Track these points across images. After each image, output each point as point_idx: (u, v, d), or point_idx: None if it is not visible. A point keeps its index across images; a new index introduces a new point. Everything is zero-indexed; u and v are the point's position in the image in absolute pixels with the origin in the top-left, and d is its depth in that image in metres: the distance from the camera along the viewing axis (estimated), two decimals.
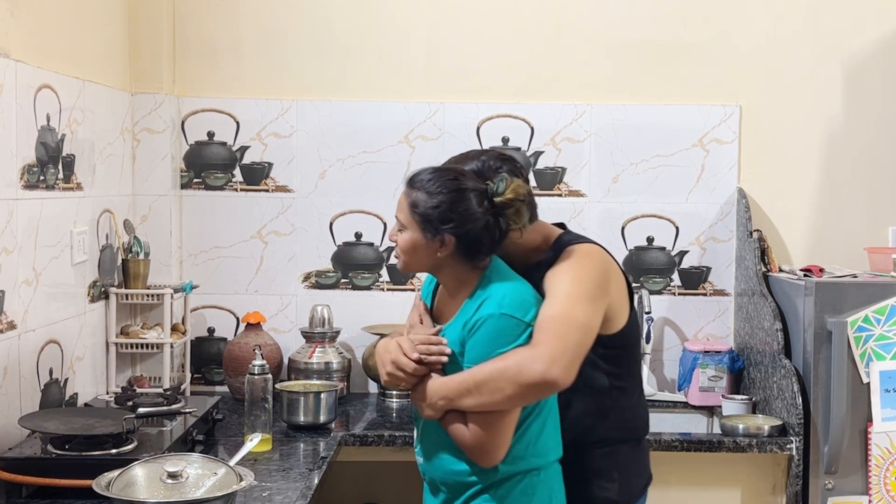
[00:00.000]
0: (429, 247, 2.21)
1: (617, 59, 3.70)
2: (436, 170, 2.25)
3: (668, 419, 3.58)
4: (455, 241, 2.19)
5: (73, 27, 3.06)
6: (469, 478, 2.23)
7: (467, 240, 2.19)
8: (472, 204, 2.18)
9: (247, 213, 3.71)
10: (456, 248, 2.20)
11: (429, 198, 2.19)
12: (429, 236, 2.20)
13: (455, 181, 2.20)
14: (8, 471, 2.35)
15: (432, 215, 2.19)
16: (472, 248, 2.21)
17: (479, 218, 2.18)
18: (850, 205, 3.70)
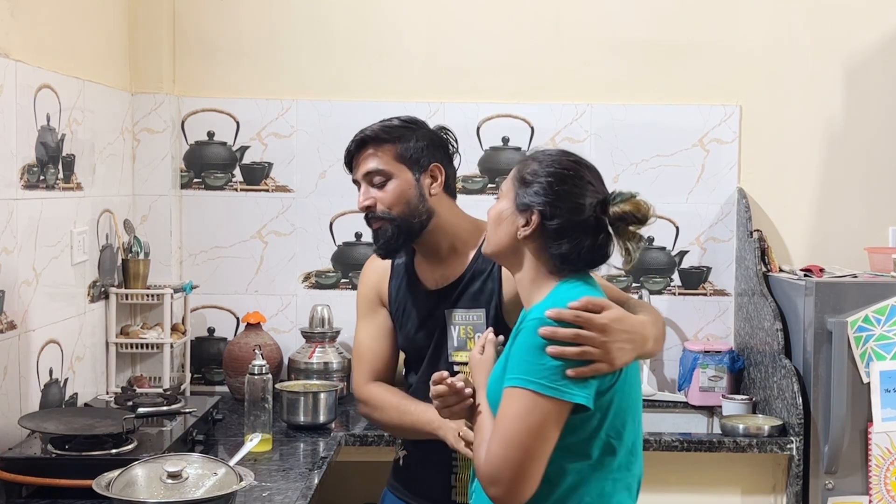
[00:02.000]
0: (513, 221, 1.92)
1: (617, 59, 3.70)
2: (563, 150, 2.00)
3: (668, 419, 3.58)
4: (539, 221, 1.89)
5: (73, 27, 3.06)
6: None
7: (555, 227, 1.89)
8: (581, 192, 1.91)
9: (247, 213, 3.71)
10: (538, 233, 1.90)
11: (538, 167, 1.93)
12: (518, 208, 1.91)
13: (574, 162, 1.95)
14: (8, 471, 2.34)
15: (530, 185, 1.91)
16: (558, 239, 1.89)
17: (580, 209, 1.90)
18: (850, 205, 3.70)
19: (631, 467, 1.92)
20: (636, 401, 1.95)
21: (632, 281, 3.71)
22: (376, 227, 2.27)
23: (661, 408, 3.61)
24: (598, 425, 1.84)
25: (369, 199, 2.25)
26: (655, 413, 3.60)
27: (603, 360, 1.80)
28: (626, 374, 1.88)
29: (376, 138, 2.26)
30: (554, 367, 1.77)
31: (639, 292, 3.64)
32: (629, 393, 1.90)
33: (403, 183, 2.24)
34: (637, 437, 1.95)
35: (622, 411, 1.87)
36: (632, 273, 3.71)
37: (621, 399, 1.87)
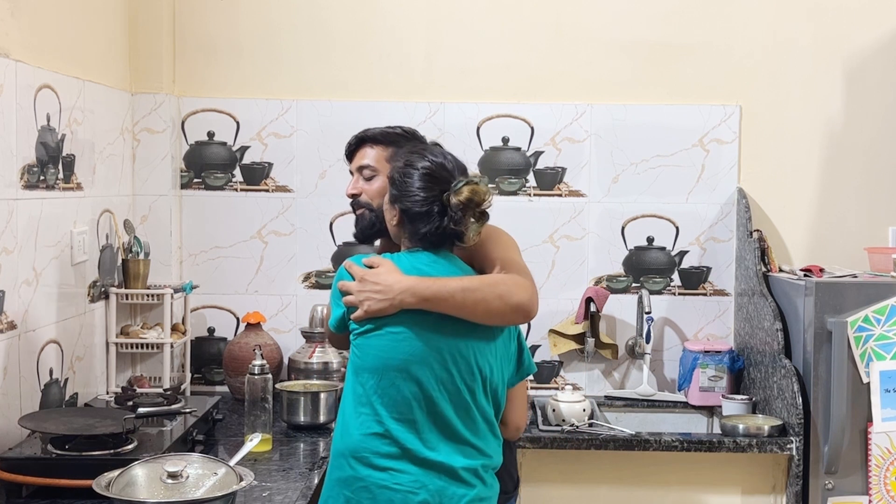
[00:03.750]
0: (389, 212, 2.36)
1: (617, 59, 3.70)
2: (424, 145, 2.44)
3: (668, 419, 3.59)
4: (398, 214, 2.31)
5: (73, 27, 3.06)
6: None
7: (408, 217, 2.29)
8: (419, 186, 2.27)
9: (247, 213, 3.71)
10: (399, 224, 2.33)
11: (395, 167, 2.35)
12: (389, 203, 2.34)
13: (419, 161, 2.31)
14: (8, 471, 2.35)
15: (394, 184, 2.32)
16: (412, 227, 2.29)
17: (419, 201, 2.26)
18: (850, 205, 3.70)
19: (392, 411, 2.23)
20: (418, 361, 2.22)
21: (632, 281, 3.71)
22: (358, 212, 2.56)
23: (661, 408, 3.62)
24: (357, 360, 2.27)
25: (356, 189, 2.56)
26: (655, 413, 3.61)
27: (359, 306, 2.24)
28: (398, 327, 2.23)
29: (375, 139, 2.56)
30: (335, 296, 2.33)
31: (639, 292, 3.64)
32: (399, 346, 2.22)
33: (386, 181, 2.48)
34: (429, 399, 2.22)
35: (389, 355, 2.22)
36: (632, 273, 3.71)
37: (396, 344, 2.22)
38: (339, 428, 2.29)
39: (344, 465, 2.24)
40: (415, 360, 2.21)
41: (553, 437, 3.16)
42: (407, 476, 2.20)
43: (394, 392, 2.21)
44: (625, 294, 3.72)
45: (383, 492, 2.19)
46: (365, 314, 2.23)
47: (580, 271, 3.70)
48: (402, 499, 2.19)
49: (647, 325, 3.63)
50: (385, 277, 2.23)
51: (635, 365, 3.72)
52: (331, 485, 2.27)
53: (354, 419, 2.24)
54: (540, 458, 3.20)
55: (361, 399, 2.24)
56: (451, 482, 2.22)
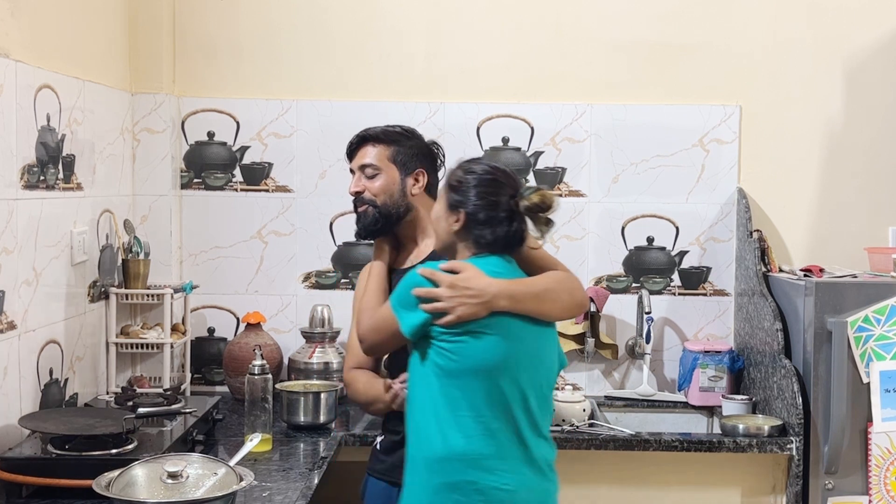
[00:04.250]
0: (448, 220, 2.36)
1: (617, 59, 3.70)
2: (483, 160, 2.48)
3: (668, 419, 3.58)
4: (465, 217, 2.33)
5: (73, 27, 3.06)
6: None
7: (475, 222, 2.33)
8: (488, 193, 2.33)
9: (247, 213, 3.71)
10: (466, 227, 2.34)
11: (460, 174, 2.37)
12: (449, 209, 2.36)
13: (486, 171, 2.36)
14: (8, 471, 2.35)
15: (454, 188, 2.35)
16: (479, 232, 2.33)
17: (489, 206, 2.32)
18: (850, 205, 3.70)
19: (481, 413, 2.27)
20: (520, 353, 2.29)
21: (632, 281, 3.71)
22: (361, 209, 2.62)
23: (661, 408, 3.61)
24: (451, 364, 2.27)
25: (359, 186, 2.62)
26: (655, 413, 3.61)
27: (450, 312, 2.25)
28: (500, 326, 2.27)
29: (376, 138, 2.63)
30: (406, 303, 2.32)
31: (639, 292, 3.64)
32: (511, 342, 2.28)
33: (389, 179, 2.61)
34: (524, 398, 2.29)
35: (484, 357, 2.26)
36: (632, 273, 3.71)
37: (488, 346, 2.26)
38: (430, 433, 2.27)
39: (449, 469, 2.24)
40: (511, 360, 2.27)
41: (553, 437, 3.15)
42: (512, 476, 2.26)
43: (497, 393, 2.25)
44: (625, 294, 3.72)
45: (495, 493, 2.24)
46: (458, 319, 2.24)
47: (580, 271, 3.70)
48: (510, 498, 2.25)
49: (647, 325, 3.63)
50: (476, 282, 2.26)
51: (635, 365, 3.72)
52: (432, 490, 2.25)
53: (454, 423, 2.24)
54: None
55: (460, 402, 2.25)
56: (543, 478, 2.33)
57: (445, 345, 2.26)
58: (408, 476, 2.32)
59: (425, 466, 2.27)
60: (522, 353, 2.30)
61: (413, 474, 2.31)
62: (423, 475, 2.28)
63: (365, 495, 2.64)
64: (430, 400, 2.27)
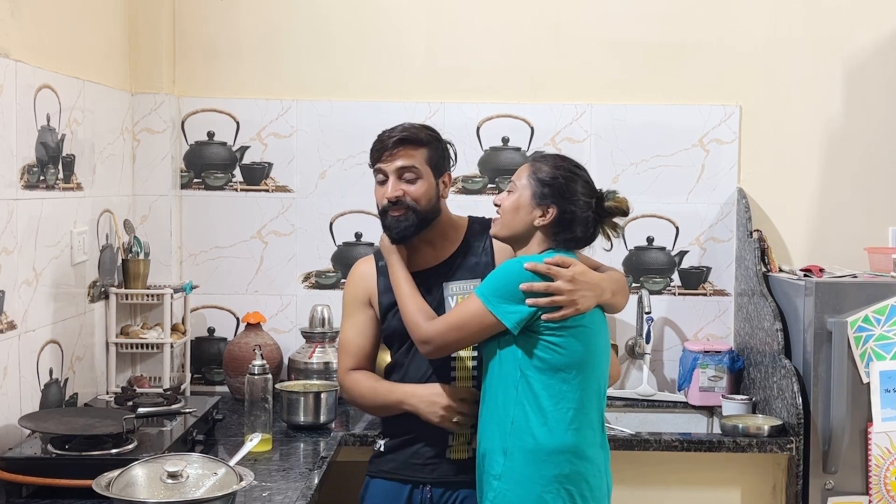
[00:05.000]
0: (530, 212, 2.39)
1: (616, 59, 3.70)
2: (561, 155, 2.51)
3: (668, 419, 3.58)
4: (557, 213, 2.38)
5: (73, 27, 3.06)
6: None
7: (565, 219, 2.38)
8: (582, 192, 2.40)
9: (247, 213, 3.71)
10: (554, 223, 2.38)
11: (552, 170, 2.40)
12: (536, 202, 2.39)
13: (577, 167, 2.44)
14: (8, 471, 2.35)
15: (546, 184, 2.39)
16: (567, 229, 2.39)
17: (582, 205, 2.39)
18: (850, 205, 3.70)
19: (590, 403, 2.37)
20: (601, 345, 2.41)
21: (632, 281, 3.71)
22: (399, 214, 2.50)
23: (661, 408, 3.61)
24: (558, 357, 2.32)
25: (398, 191, 2.49)
26: (655, 413, 3.61)
27: (569, 306, 2.31)
28: (590, 319, 2.37)
29: (415, 140, 2.52)
30: (508, 296, 2.32)
31: (639, 292, 3.64)
32: (595, 335, 2.38)
33: (429, 184, 2.52)
34: (602, 387, 2.42)
35: (584, 350, 2.34)
36: (632, 273, 3.71)
37: (585, 339, 2.34)
38: (533, 426, 2.31)
39: (563, 462, 2.31)
40: (599, 352, 2.39)
41: None
42: (601, 459, 2.41)
43: (593, 384, 2.35)
44: None
45: (595, 479, 2.36)
46: (577, 312, 2.31)
47: None
48: (603, 482, 2.40)
49: (647, 325, 3.63)
50: (592, 276, 2.36)
51: (635, 365, 3.72)
52: (544, 483, 2.31)
53: (561, 416, 2.31)
54: None
55: (565, 395, 2.31)
56: (607, 454, 2.46)
57: (553, 339, 2.31)
58: (501, 469, 2.33)
59: (531, 460, 2.31)
60: (603, 343, 2.42)
61: (513, 468, 2.32)
62: (527, 468, 2.32)
63: (365, 498, 2.62)
64: (530, 393, 2.32)
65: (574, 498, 2.31)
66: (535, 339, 2.32)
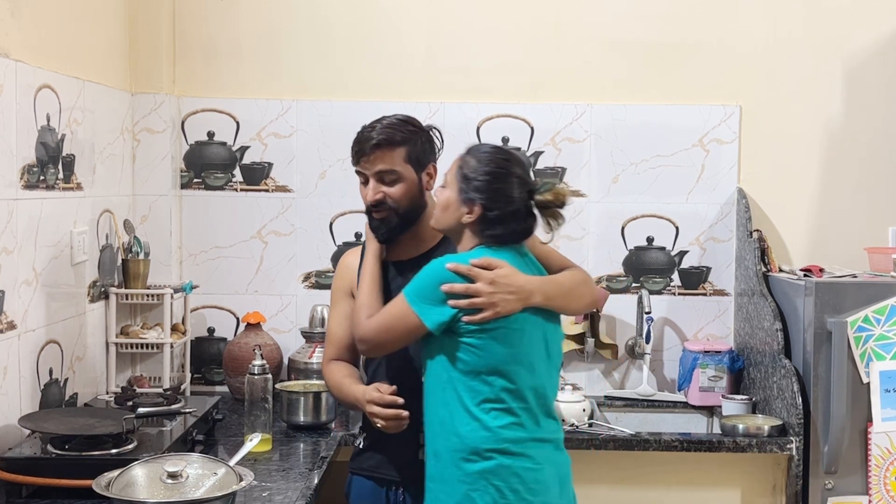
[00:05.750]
0: (457, 209, 2.35)
1: (617, 59, 3.70)
2: (496, 147, 2.45)
3: (668, 419, 3.58)
4: (481, 211, 2.33)
5: (73, 27, 3.06)
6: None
7: (493, 217, 2.32)
8: (509, 188, 2.33)
9: (247, 213, 3.71)
10: (479, 220, 2.33)
11: (478, 165, 2.34)
12: (462, 199, 2.34)
13: (506, 161, 2.37)
14: (8, 471, 2.35)
15: (471, 181, 2.33)
16: (494, 225, 2.34)
17: (509, 202, 2.32)
18: (850, 205, 3.70)
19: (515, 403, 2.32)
20: (533, 347, 2.35)
21: (632, 281, 3.71)
22: (382, 216, 2.50)
23: (661, 408, 3.61)
24: (478, 360, 2.29)
25: (380, 194, 2.48)
26: (655, 413, 3.61)
27: (489, 308, 2.26)
28: (518, 322, 2.30)
29: (391, 141, 2.47)
30: (430, 297, 2.29)
31: (639, 292, 3.64)
32: (524, 337, 2.32)
33: (410, 182, 2.49)
34: (537, 384, 2.35)
35: (507, 352, 2.29)
36: (632, 273, 3.71)
37: (508, 342, 2.29)
38: (458, 426, 2.30)
39: (483, 458, 2.28)
40: (532, 353, 2.33)
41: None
42: (539, 454, 2.34)
43: (518, 385, 2.30)
44: (625, 294, 3.72)
45: (529, 473, 2.30)
46: (496, 315, 2.26)
47: None
48: (542, 476, 2.33)
49: (646, 325, 3.63)
50: (515, 279, 2.30)
51: (635, 365, 3.72)
52: (470, 480, 2.29)
53: (484, 415, 2.28)
54: None
55: (488, 396, 2.29)
56: (559, 452, 2.41)
57: (472, 340, 2.28)
58: (433, 470, 2.34)
59: (457, 459, 2.29)
60: (538, 344, 2.35)
61: (442, 468, 2.32)
62: (455, 468, 2.30)
63: (350, 495, 2.61)
64: (454, 394, 2.30)
65: (503, 492, 2.27)
66: (457, 341, 2.28)
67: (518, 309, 2.29)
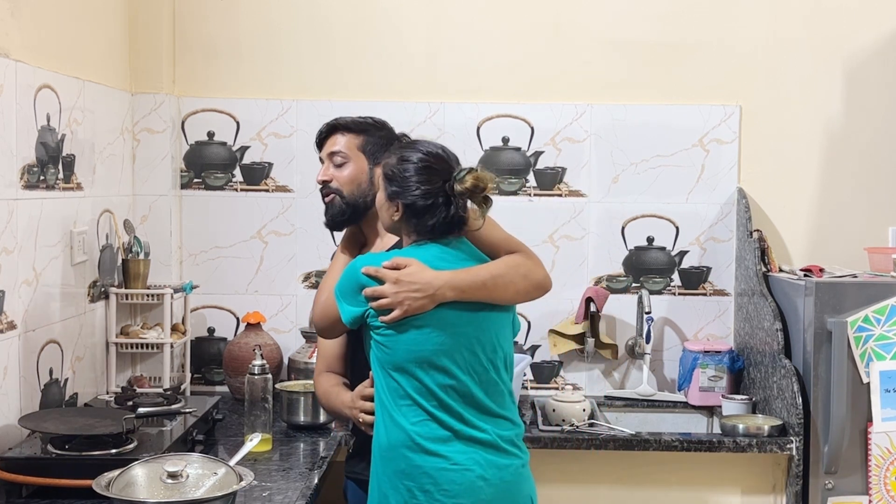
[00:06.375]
0: (389, 209, 2.37)
1: (617, 59, 3.70)
2: (413, 141, 2.44)
3: (668, 419, 3.59)
4: (402, 209, 2.33)
5: (73, 27, 3.06)
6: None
7: (412, 210, 2.32)
8: (420, 179, 2.31)
9: (247, 213, 3.71)
10: (404, 218, 2.34)
11: (392, 163, 2.36)
12: (387, 198, 2.36)
13: (417, 153, 2.34)
14: (8, 471, 2.34)
15: (392, 180, 2.34)
16: (418, 219, 2.32)
17: (425, 194, 2.30)
18: (850, 205, 3.70)
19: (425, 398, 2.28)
20: (455, 342, 2.29)
21: (632, 281, 3.71)
22: (328, 199, 2.60)
23: (661, 408, 3.61)
24: (386, 356, 2.30)
25: (327, 175, 2.60)
26: (655, 413, 3.61)
27: (397, 308, 2.26)
28: (432, 319, 2.28)
29: (346, 127, 2.60)
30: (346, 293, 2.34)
31: (639, 292, 3.64)
32: (441, 334, 2.28)
33: (358, 169, 2.58)
34: (457, 383, 2.29)
35: (416, 349, 2.27)
36: (632, 273, 3.71)
37: (418, 339, 2.27)
38: (381, 423, 2.31)
39: (398, 457, 2.27)
40: (444, 350, 2.27)
41: (553, 437, 3.16)
42: (461, 455, 2.26)
43: (429, 382, 2.27)
44: (625, 294, 3.72)
45: (443, 473, 2.24)
46: (404, 314, 2.26)
47: (580, 271, 3.70)
48: (461, 477, 2.25)
49: (647, 325, 3.63)
50: (421, 276, 2.27)
51: (635, 365, 3.72)
52: (386, 479, 2.29)
53: (397, 411, 2.28)
54: (540, 458, 3.18)
55: (398, 392, 2.28)
56: (498, 454, 2.31)
57: (381, 338, 2.29)
58: (371, 467, 2.36)
59: (378, 456, 2.31)
60: (460, 341, 2.29)
61: (373, 464, 2.34)
62: (378, 465, 2.32)
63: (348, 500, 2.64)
64: (378, 390, 2.32)
65: (413, 493, 2.24)
66: (371, 336, 2.32)
67: (429, 306, 2.26)
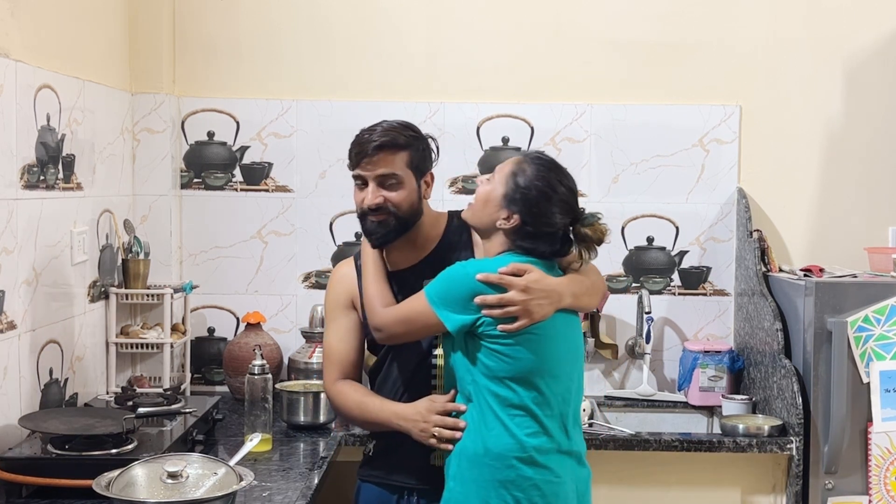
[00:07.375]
0: (496, 210, 2.32)
1: (617, 60, 3.70)
2: (554, 164, 2.38)
3: (668, 419, 3.59)
4: (519, 223, 2.30)
5: (73, 27, 3.06)
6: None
7: (528, 232, 2.30)
8: (555, 211, 2.30)
9: (247, 213, 3.71)
10: (514, 230, 2.31)
11: (531, 179, 2.31)
12: (504, 203, 2.31)
13: (559, 183, 2.33)
14: (8, 471, 2.35)
15: (518, 190, 2.30)
16: (527, 240, 2.31)
17: (549, 224, 2.31)
18: (850, 205, 3.70)
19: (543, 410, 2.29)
20: (561, 352, 2.33)
21: (632, 281, 3.71)
22: (380, 219, 2.44)
23: (661, 408, 3.61)
24: (505, 366, 2.26)
25: (379, 198, 2.42)
26: (655, 413, 3.61)
27: (524, 316, 2.23)
28: (546, 327, 2.28)
29: (396, 144, 2.43)
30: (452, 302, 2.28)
31: (639, 292, 3.64)
32: (552, 342, 2.29)
33: (410, 188, 2.44)
34: (563, 390, 2.32)
35: (534, 359, 2.26)
36: (632, 273, 3.71)
37: (535, 348, 2.26)
38: (484, 431, 2.27)
39: (505, 466, 2.25)
40: (562, 358, 2.31)
41: None
42: (561, 467, 2.30)
43: (548, 391, 2.27)
44: (625, 294, 3.72)
45: (550, 486, 2.26)
46: (532, 322, 2.24)
47: None
48: (562, 489, 2.29)
49: (647, 325, 3.63)
50: (546, 283, 2.27)
51: (635, 365, 3.72)
52: (486, 486, 2.26)
53: (510, 421, 2.26)
54: None
55: (514, 402, 2.26)
56: (581, 466, 2.37)
57: (499, 347, 2.25)
58: (455, 470, 2.31)
59: (476, 462, 2.28)
60: (565, 348, 2.33)
61: (464, 469, 2.29)
62: (473, 470, 2.28)
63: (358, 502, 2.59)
64: (479, 396, 2.28)
65: (521, 503, 2.25)
66: (479, 345, 2.27)
67: (551, 313, 2.26)
